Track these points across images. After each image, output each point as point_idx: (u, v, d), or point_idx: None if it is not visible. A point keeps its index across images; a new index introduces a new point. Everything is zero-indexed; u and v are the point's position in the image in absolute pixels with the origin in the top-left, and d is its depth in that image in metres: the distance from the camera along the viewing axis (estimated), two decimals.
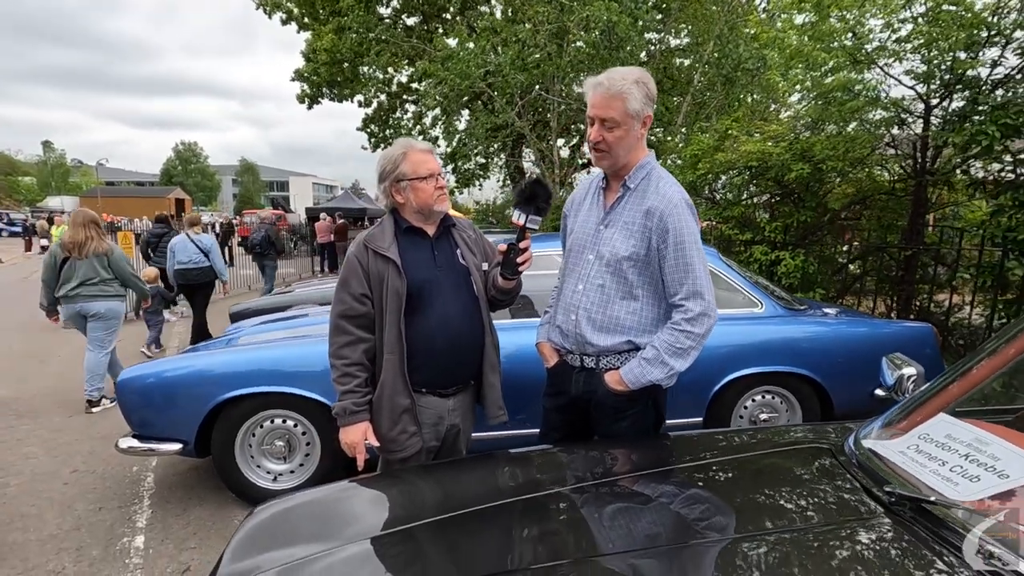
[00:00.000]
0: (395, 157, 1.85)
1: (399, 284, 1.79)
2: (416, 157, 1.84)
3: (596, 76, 1.73)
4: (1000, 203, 4.32)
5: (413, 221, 1.89)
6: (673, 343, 1.67)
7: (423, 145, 1.89)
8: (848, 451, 1.41)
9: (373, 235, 1.87)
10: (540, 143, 11.46)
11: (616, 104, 1.68)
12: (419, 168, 1.83)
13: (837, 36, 4.44)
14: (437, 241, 1.92)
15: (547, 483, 1.45)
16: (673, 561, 1.05)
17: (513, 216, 1.77)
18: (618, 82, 1.68)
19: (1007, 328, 1.55)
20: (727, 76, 7.78)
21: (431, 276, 1.85)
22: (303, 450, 2.99)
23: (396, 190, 1.87)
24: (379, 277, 1.81)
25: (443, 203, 1.87)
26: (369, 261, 1.83)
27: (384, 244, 1.83)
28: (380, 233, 1.87)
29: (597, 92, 1.70)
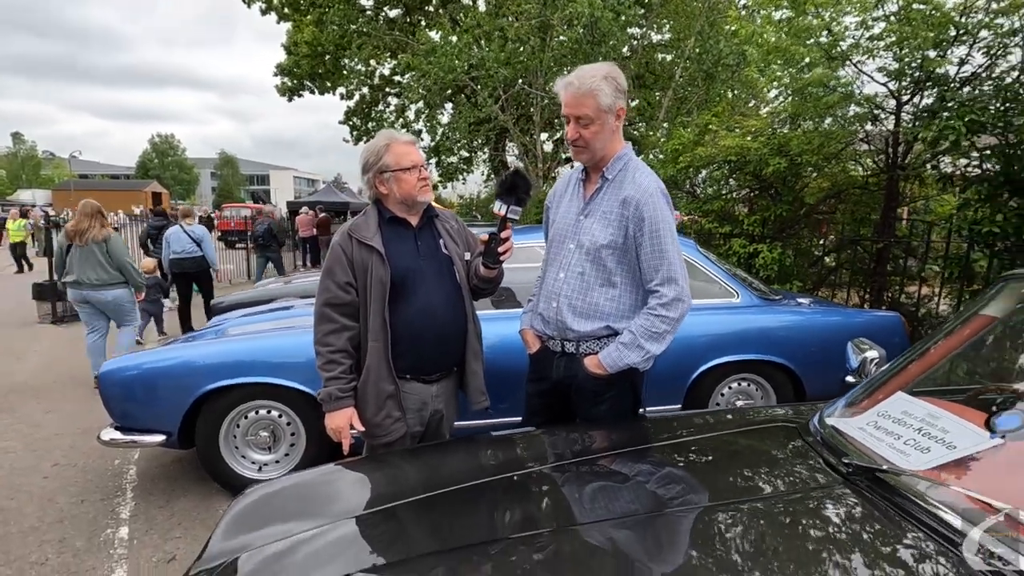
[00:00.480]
0: (378, 149, 1.88)
1: (383, 273, 1.83)
2: (399, 149, 1.87)
3: (566, 76, 1.78)
4: (967, 197, 4.48)
5: (396, 212, 1.93)
6: (649, 327, 1.73)
7: (406, 137, 1.92)
8: (813, 429, 1.48)
9: (357, 225, 1.90)
10: (523, 137, 11.50)
11: (588, 101, 1.73)
12: (402, 159, 1.87)
13: (813, 33, 4.54)
14: (420, 231, 1.96)
15: (527, 462, 1.51)
16: (647, 529, 1.11)
17: (495, 207, 1.82)
18: (587, 80, 1.73)
19: (960, 313, 1.64)
20: (707, 71, 7.89)
21: (414, 265, 1.88)
22: (288, 440, 3.01)
23: (380, 181, 1.90)
24: (363, 266, 1.84)
25: (426, 194, 1.91)
26: (353, 250, 1.86)
27: (368, 234, 1.86)
28: (364, 223, 1.90)
29: (569, 91, 1.75)
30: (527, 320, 2.07)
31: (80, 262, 4.49)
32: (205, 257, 6.55)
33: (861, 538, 1.05)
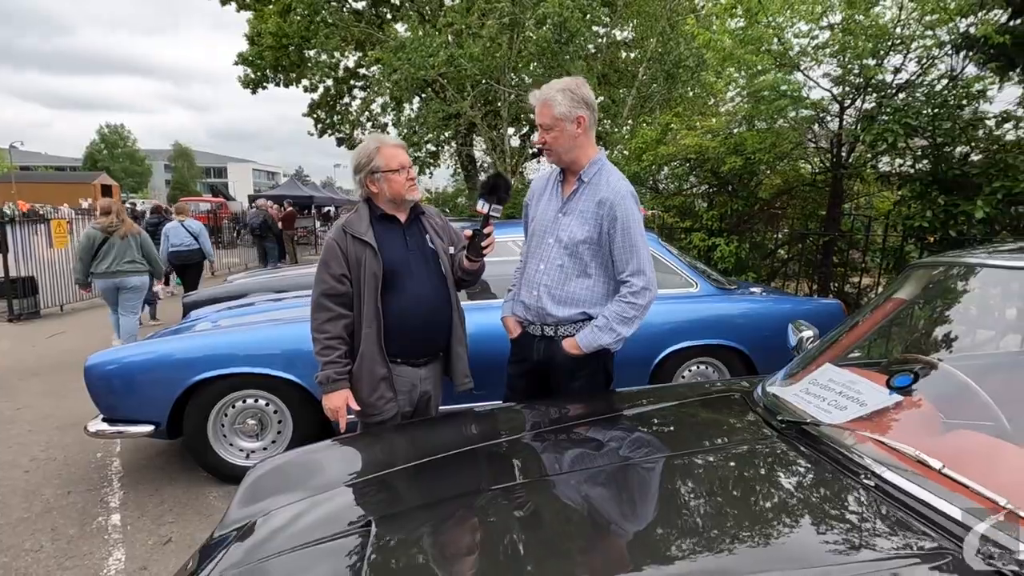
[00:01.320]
0: (370, 151, 2.05)
1: (375, 265, 2.00)
2: (388, 152, 2.04)
3: (536, 90, 2.01)
4: (902, 194, 4.90)
5: (386, 209, 2.10)
6: (620, 313, 1.96)
7: (394, 140, 2.09)
8: (757, 397, 1.73)
9: (351, 221, 2.06)
10: (491, 132, 11.64)
11: (545, 111, 1.97)
12: (391, 161, 2.04)
13: (765, 41, 4.87)
14: (408, 227, 2.14)
15: (510, 431, 1.71)
16: (615, 477, 1.33)
17: (478, 205, 2.01)
18: (546, 92, 1.98)
19: (877, 297, 1.93)
20: (668, 72, 8.21)
21: (404, 258, 2.06)
22: (275, 427, 3.14)
23: (371, 181, 2.06)
24: (357, 259, 2.01)
25: (413, 192, 2.08)
26: (348, 245, 2.02)
27: (361, 229, 2.03)
28: (357, 219, 2.07)
29: (534, 103, 2.02)
30: (508, 308, 2.27)
31: (119, 253, 5.20)
32: (202, 249, 7.28)
33: (792, 478, 1.29)
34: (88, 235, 5.21)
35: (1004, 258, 1.61)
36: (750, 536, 1.06)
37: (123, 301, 5.35)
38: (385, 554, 1.10)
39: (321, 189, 26.20)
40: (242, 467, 3.09)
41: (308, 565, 1.14)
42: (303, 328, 3.09)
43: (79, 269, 5.21)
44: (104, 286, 5.28)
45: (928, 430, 1.32)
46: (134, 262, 5.27)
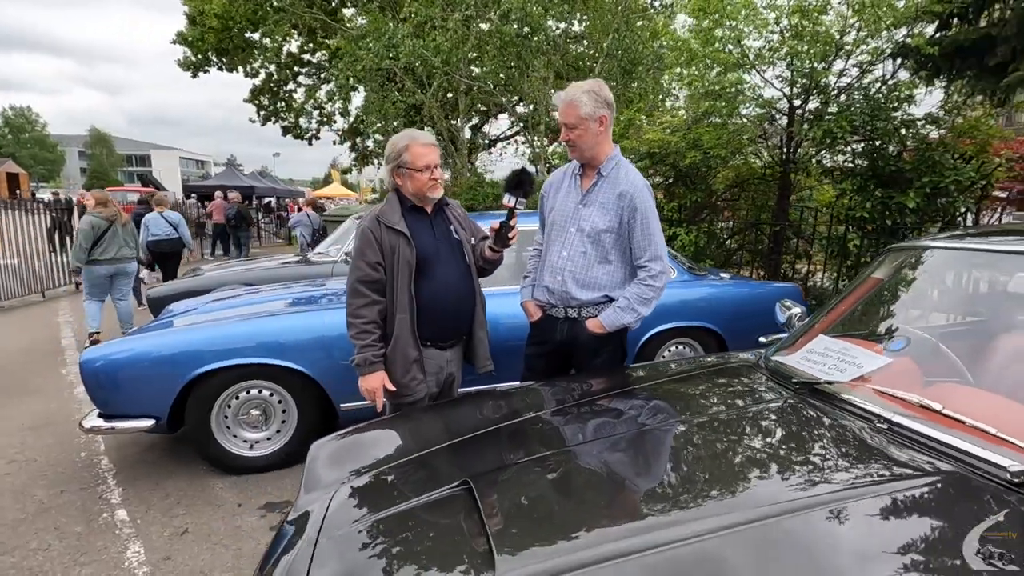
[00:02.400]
0: (400, 147, 2.15)
1: (409, 254, 2.12)
2: (417, 150, 2.15)
3: (560, 91, 2.17)
4: (843, 188, 5.40)
5: (414, 201, 2.21)
6: (640, 294, 2.17)
7: (426, 139, 2.20)
8: (763, 365, 1.98)
9: (384, 211, 2.17)
10: (446, 123, 11.66)
11: (571, 111, 2.14)
12: (417, 160, 2.14)
13: (726, 41, 5.22)
14: (435, 218, 2.26)
15: (539, 406, 1.88)
16: (642, 440, 1.52)
17: (504, 199, 2.15)
18: (571, 93, 2.16)
19: (857, 277, 2.23)
20: (625, 68, 8.53)
21: (434, 247, 2.19)
22: (279, 417, 3.17)
23: (397, 174, 2.18)
24: (391, 248, 2.12)
25: (435, 191, 2.20)
26: (382, 234, 2.12)
27: (395, 219, 2.14)
28: (390, 210, 2.17)
29: (560, 104, 2.19)
30: (527, 293, 2.44)
31: (121, 240, 5.66)
32: (181, 239, 7.74)
33: (808, 429, 1.53)
34: (92, 223, 5.55)
35: (965, 242, 1.93)
36: (789, 471, 1.28)
37: (119, 286, 5.80)
38: (496, 501, 1.25)
39: (261, 179, 25.12)
40: (246, 458, 3.12)
41: (424, 517, 1.27)
42: (312, 318, 3.20)
43: (80, 255, 5.53)
44: (104, 272, 5.64)
45: (917, 384, 1.60)
46: (131, 248, 5.81)
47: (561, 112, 2.17)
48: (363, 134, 17.73)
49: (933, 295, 1.94)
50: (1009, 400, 1.43)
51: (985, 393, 1.53)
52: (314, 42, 15.87)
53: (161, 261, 7.88)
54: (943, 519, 1.10)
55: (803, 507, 1.12)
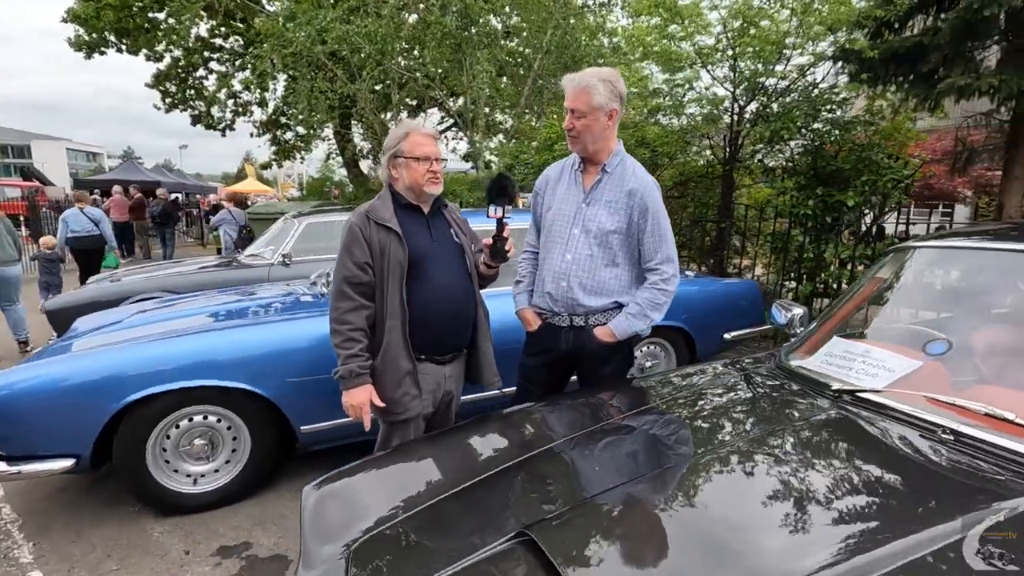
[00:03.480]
0: (399, 135, 1.94)
1: (400, 253, 1.88)
2: (416, 139, 1.93)
3: (573, 74, 1.98)
4: (783, 186, 5.61)
5: (408, 198, 1.97)
6: (652, 299, 2.03)
7: (427, 130, 1.97)
8: (781, 370, 1.91)
9: (374, 207, 1.92)
10: (378, 117, 11.15)
11: (583, 97, 1.96)
12: (415, 149, 1.92)
13: (675, 40, 5.26)
14: (432, 219, 2.02)
15: (564, 431, 1.69)
16: (704, 471, 1.36)
17: (489, 211, 1.92)
18: (586, 79, 1.97)
19: (860, 277, 2.22)
20: (566, 65, 8.48)
21: (429, 248, 1.95)
22: (228, 446, 2.77)
23: (393, 164, 1.96)
24: (381, 247, 1.87)
25: (433, 186, 1.96)
26: (371, 231, 1.88)
27: (385, 216, 1.90)
28: (381, 205, 1.93)
29: (570, 86, 1.99)
30: (523, 300, 2.24)
31: None
32: (103, 235, 7.49)
33: (873, 445, 1.43)
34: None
35: (960, 241, 1.95)
36: (886, 498, 1.18)
37: (8, 293, 5.31)
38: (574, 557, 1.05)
39: (168, 173, 23.06)
40: (189, 495, 2.72)
41: None
42: (265, 331, 2.82)
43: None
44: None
45: (959, 389, 1.57)
46: (7, 249, 5.30)
47: (571, 97, 1.98)
48: (284, 126, 16.71)
49: (947, 295, 1.94)
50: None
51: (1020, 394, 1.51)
52: (227, 25, 14.69)
53: (82, 259, 7.72)
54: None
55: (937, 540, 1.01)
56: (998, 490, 1.18)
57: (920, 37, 4.26)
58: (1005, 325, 1.70)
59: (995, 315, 1.74)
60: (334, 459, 3.10)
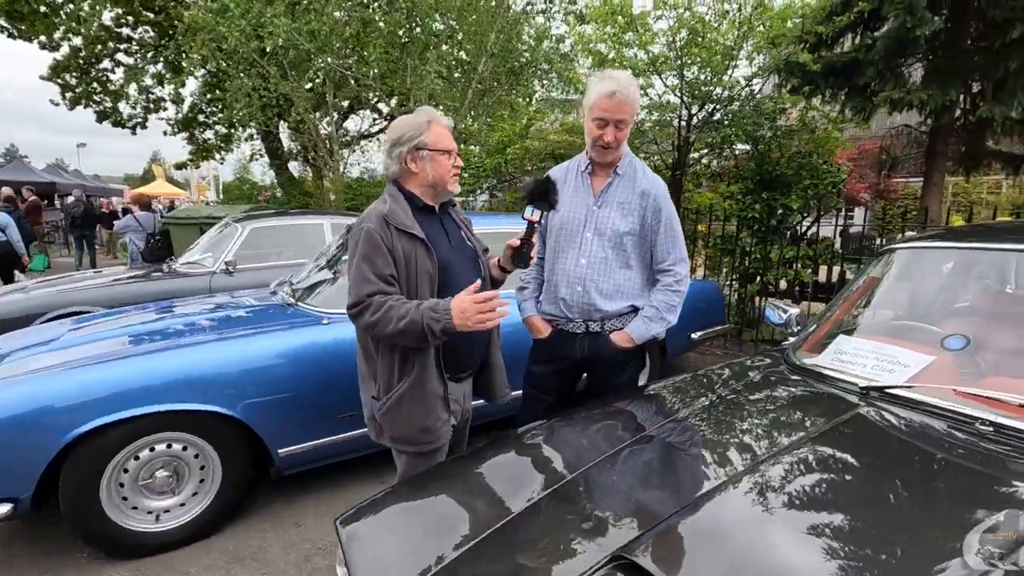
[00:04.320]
0: (419, 124, 1.75)
1: (429, 264, 1.72)
2: (440, 130, 1.77)
3: (604, 82, 1.91)
4: (728, 191, 5.88)
5: (424, 198, 1.81)
6: (667, 301, 2.02)
7: (447, 120, 1.82)
8: (796, 371, 1.94)
9: (393, 211, 1.72)
10: (310, 114, 10.66)
11: (628, 109, 1.93)
12: (440, 141, 1.77)
13: (641, 46, 5.38)
14: (444, 220, 1.89)
15: (607, 442, 1.64)
16: (783, 482, 1.35)
17: (526, 212, 1.80)
18: (630, 89, 1.91)
19: (855, 276, 2.33)
20: (513, 70, 8.47)
21: (451, 255, 1.81)
22: (196, 476, 2.50)
23: (413, 158, 1.76)
24: (405, 257, 1.69)
25: (455, 184, 1.84)
26: (393, 239, 1.69)
27: (408, 222, 1.72)
28: (398, 208, 1.73)
29: (614, 99, 1.90)
30: (531, 307, 2.17)
31: None
32: (10, 242, 7.23)
33: (916, 435, 1.47)
34: None
35: (950, 242, 2.09)
36: (935, 496, 1.21)
37: None
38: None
39: (64, 174, 20.88)
40: (151, 533, 2.42)
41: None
42: (233, 347, 2.57)
43: None
44: None
45: (973, 381, 1.66)
46: None
47: (615, 108, 1.90)
48: (203, 124, 15.63)
49: (949, 293, 2.06)
50: None
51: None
52: (135, 15, 13.54)
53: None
54: None
55: None
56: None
57: (855, 53, 4.59)
58: (1010, 320, 1.83)
59: (992, 311, 1.87)
60: (305, 482, 2.89)
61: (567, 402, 2.24)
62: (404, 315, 1.59)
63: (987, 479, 1.28)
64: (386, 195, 1.79)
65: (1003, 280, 2.01)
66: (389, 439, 1.79)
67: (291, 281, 3.53)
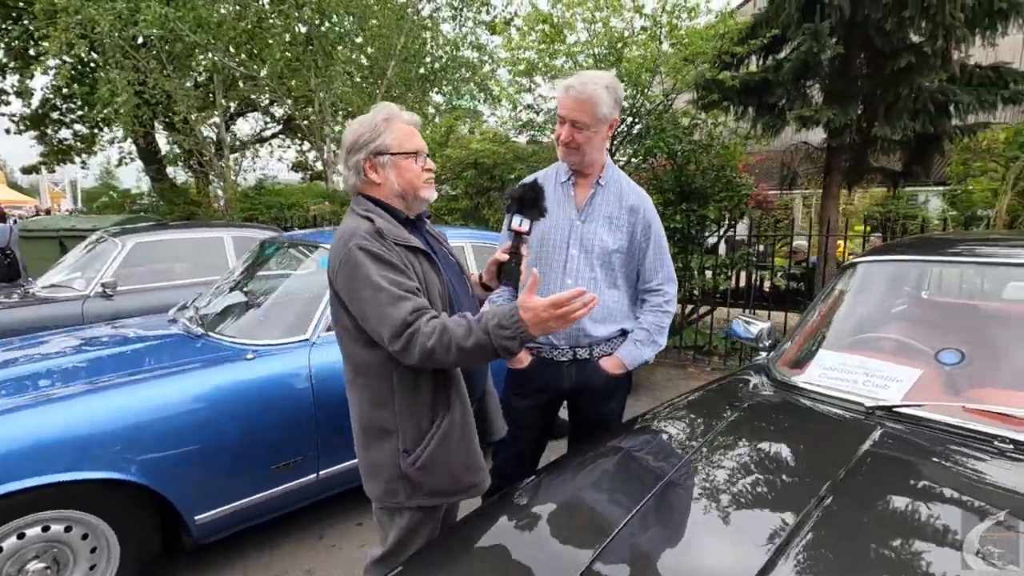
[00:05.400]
0: (375, 124, 1.45)
1: (438, 283, 1.44)
2: (401, 128, 1.48)
3: (567, 79, 1.76)
4: (655, 201, 6.01)
5: (399, 208, 1.51)
6: (657, 323, 1.88)
7: (410, 116, 1.53)
8: (786, 389, 1.88)
9: (382, 227, 1.40)
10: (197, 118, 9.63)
11: (587, 107, 1.75)
12: (405, 142, 1.47)
13: (569, 56, 5.33)
14: (425, 234, 1.61)
15: (635, 480, 1.46)
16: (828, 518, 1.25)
17: (514, 222, 1.57)
18: (589, 87, 1.74)
19: (821, 291, 2.34)
20: (426, 76, 8.18)
21: (449, 273, 1.55)
22: (85, 561, 1.97)
23: (373, 166, 1.46)
24: (415, 273, 1.40)
25: (430, 190, 1.55)
26: (397, 254, 1.39)
27: (403, 233, 1.43)
28: (385, 222, 1.43)
29: (569, 95, 1.74)
30: None
31: None
32: None
33: (937, 455, 1.43)
34: None
35: (909, 254, 2.16)
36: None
37: None
38: None
39: None
40: None
41: None
42: (131, 394, 2.07)
43: None
44: None
45: (966, 393, 1.68)
46: None
47: (571, 106, 1.74)
48: (58, 122, 13.64)
49: (916, 305, 2.11)
50: None
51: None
52: None
53: None
54: None
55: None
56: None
57: (764, 73, 4.86)
58: (988, 330, 1.88)
59: (962, 322, 1.94)
60: (229, 549, 2.41)
61: (547, 436, 2.04)
62: (467, 334, 1.27)
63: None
64: (359, 210, 1.47)
65: (970, 291, 2.10)
66: (427, 494, 1.44)
67: (195, 306, 3.01)
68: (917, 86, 4.38)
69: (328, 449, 2.43)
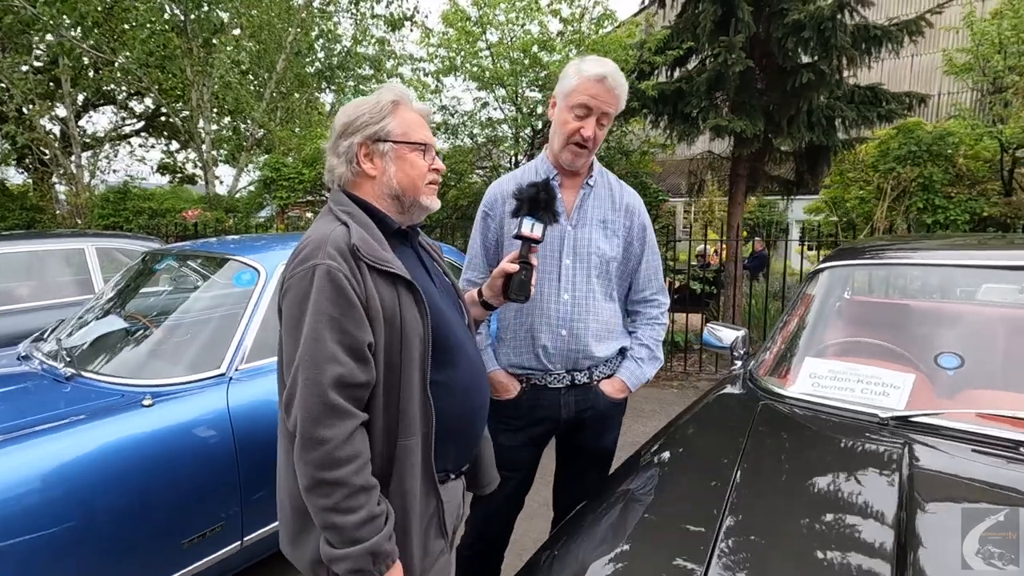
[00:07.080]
0: (381, 105, 1.14)
1: (419, 322, 1.10)
2: (410, 115, 1.18)
3: (591, 64, 1.52)
4: None
5: (396, 217, 1.19)
6: (656, 337, 1.71)
7: (422, 105, 1.21)
8: (779, 402, 1.78)
9: (364, 239, 1.07)
10: (46, 106, 8.17)
11: (614, 101, 1.55)
12: (412, 131, 1.17)
13: (480, 58, 5.10)
14: (418, 249, 1.28)
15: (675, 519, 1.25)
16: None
17: (524, 227, 1.34)
18: (619, 76, 1.54)
19: (792, 297, 2.31)
20: (323, 73, 7.56)
21: (441, 303, 1.21)
22: None
23: (369, 153, 1.15)
24: (387, 312, 1.06)
25: (433, 198, 1.23)
26: (366, 284, 1.05)
27: (385, 255, 1.09)
28: (367, 235, 1.09)
29: (603, 85, 1.50)
30: (490, 359, 1.65)
31: None
32: None
33: (972, 465, 1.38)
34: None
35: (872, 259, 2.19)
36: None
37: None
38: None
39: None
40: None
41: None
42: None
43: None
44: None
45: (963, 396, 1.67)
46: None
47: (604, 97, 1.49)
48: None
49: (888, 309, 2.12)
50: None
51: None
52: None
53: None
54: None
55: None
56: None
57: (679, 83, 4.99)
58: (976, 330, 1.92)
59: (934, 323, 1.97)
60: None
61: (533, 477, 1.77)
62: (343, 498, 0.99)
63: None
64: (337, 211, 1.13)
65: (946, 291, 2.15)
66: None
67: (56, 337, 2.38)
68: (812, 102, 4.72)
69: (254, 507, 1.97)
